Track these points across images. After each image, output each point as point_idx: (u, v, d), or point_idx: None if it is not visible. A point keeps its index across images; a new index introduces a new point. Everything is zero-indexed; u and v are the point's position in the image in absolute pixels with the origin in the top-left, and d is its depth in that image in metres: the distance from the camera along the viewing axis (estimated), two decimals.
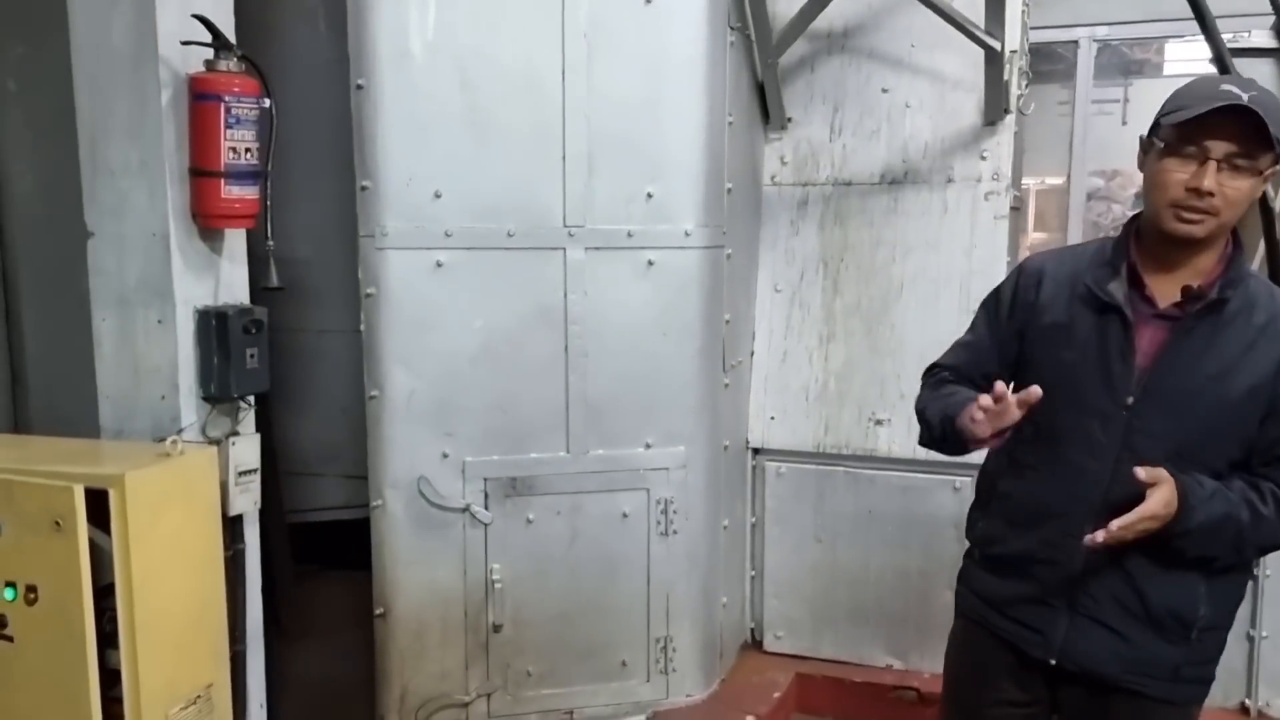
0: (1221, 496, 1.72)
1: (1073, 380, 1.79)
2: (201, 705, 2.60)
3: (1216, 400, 1.72)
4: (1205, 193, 1.65)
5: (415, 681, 3.06)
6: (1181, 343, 1.74)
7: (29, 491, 2.33)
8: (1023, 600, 1.89)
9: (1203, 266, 1.76)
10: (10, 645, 2.40)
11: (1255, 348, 1.72)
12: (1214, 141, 1.65)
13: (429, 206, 2.92)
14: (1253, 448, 1.77)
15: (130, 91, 2.68)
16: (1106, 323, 1.77)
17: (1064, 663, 1.86)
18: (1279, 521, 1.74)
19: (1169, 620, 1.79)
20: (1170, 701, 1.85)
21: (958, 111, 3.48)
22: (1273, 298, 1.77)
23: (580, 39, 2.96)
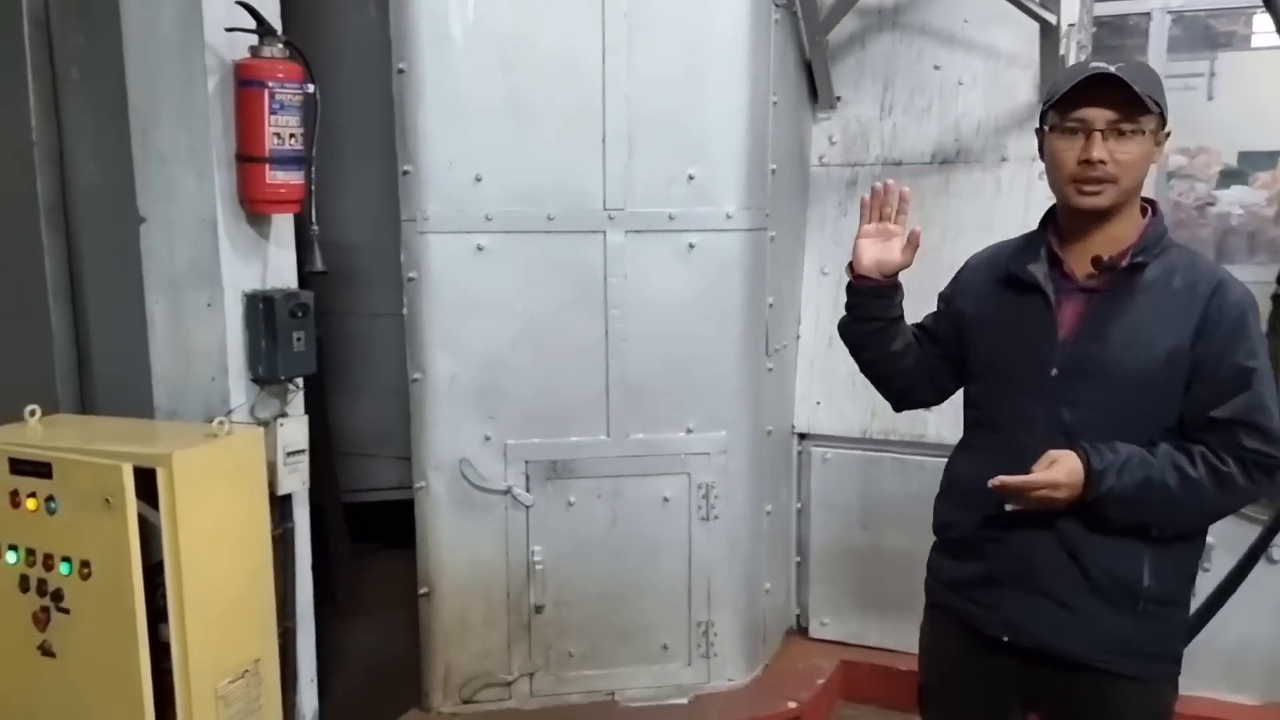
0: (1140, 461, 1.73)
1: (1004, 362, 1.86)
2: (249, 679, 2.68)
3: (1137, 365, 1.74)
4: (1097, 161, 1.72)
5: (459, 660, 3.11)
6: (1098, 311, 1.78)
7: (81, 470, 2.42)
8: (977, 581, 1.91)
9: (1117, 235, 1.80)
10: (67, 617, 2.50)
11: (1172, 313, 1.74)
12: (1092, 112, 1.73)
13: (470, 190, 2.93)
14: (1185, 417, 1.77)
15: (179, 79, 2.74)
16: (1029, 302, 1.83)
17: (1016, 639, 1.86)
18: (1214, 485, 1.73)
19: (1112, 588, 1.79)
20: (1131, 677, 1.82)
21: (1012, 88, 3.38)
22: (1194, 265, 1.79)
23: (621, 19, 2.94)
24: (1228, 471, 1.73)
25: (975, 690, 1.97)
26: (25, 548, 2.52)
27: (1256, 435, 1.73)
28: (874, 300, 2.00)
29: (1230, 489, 1.74)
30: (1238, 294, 1.76)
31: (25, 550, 2.52)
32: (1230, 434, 1.73)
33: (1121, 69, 1.72)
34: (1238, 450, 1.73)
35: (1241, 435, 1.73)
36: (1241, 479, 1.74)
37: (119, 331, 3.31)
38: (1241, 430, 1.73)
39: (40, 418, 2.72)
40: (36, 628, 2.53)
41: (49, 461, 2.46)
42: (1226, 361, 1.73)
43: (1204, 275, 1.78)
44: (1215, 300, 1.74)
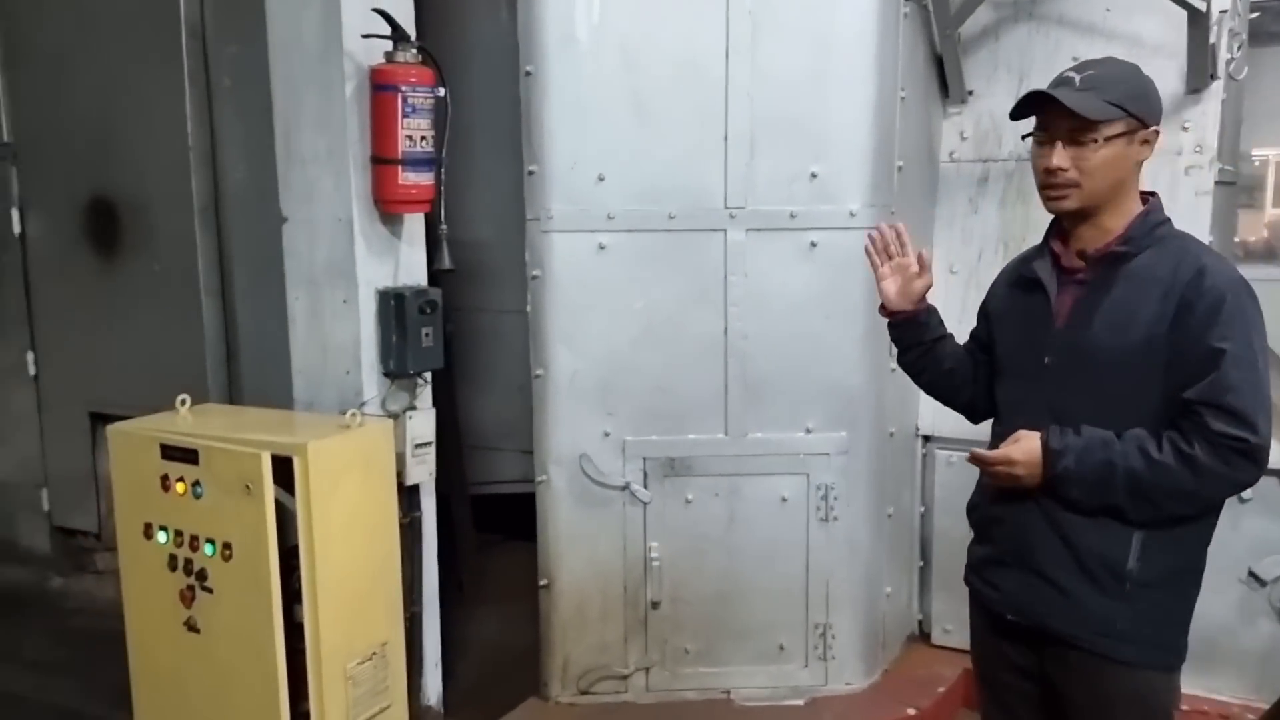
0: (1101, 444, 1.76)
1: (1011, 354, 1.97)
2: (377, 661, 2.79)
3: (1116, 349, 1.78)
4: (1056, 169, 1.79)
5: (577, 651, 3.16)
6: (1087, 300, 1.84)
7: (224, 457, 2.57)
8: (990, 561, 1.99)
9: (1108, 228, 1.84)
10: (210, 596, 2.66)
11: (1154, 298, 1.77)
12: (1051, 123, 1.80)
13: (592, 190, 2.97)
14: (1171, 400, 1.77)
15: (318, 85, 2.87)
16: (1033, 298, 1.92)
17: (1018, 618, 1.93)
18: (1182, 468, 1.72)
19: (1099, 569, 1.81)
20: (1122, 661, 1.83)
21: (1157, 79, 3.08)
22: (1184, 252, 1.80)
23: (745, 17, 2.93)
24: (1192, 454, 1.71)
25: (995, 666, 2.04)
26: (174, 529, 2.69)
27: (1224, 417, 1.71)
28: (911, 329, 2.12)
29: (1200, 472, 1.72)
30: (1218, 279, 1.75)
31: (174, 531, 2.69)
32: (1199, 416, 1.72)
33: (1088, 78, 1.79)
34: (1205, 433, 1.71)
35: (1208, 417, 1.71)
36: (1210, 461, 1.71)
37: (264, 326, 3.51)
38: (1208, 411, 1.71)
39: (190, 407, 2.89)
40: (183, 604, 2.70)
41: (196, 448, 2.61)
42: (1197, 343, 1.73)
43: (1189, 261, 1.78)
44: (1194, 283, 1.74)
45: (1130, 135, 1.79)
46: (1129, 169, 1.82)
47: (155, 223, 3.78)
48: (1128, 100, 1.79)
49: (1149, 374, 1.77)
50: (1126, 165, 1.81)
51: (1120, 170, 1.80)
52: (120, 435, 2.79)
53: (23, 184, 4.06)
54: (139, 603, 2.81)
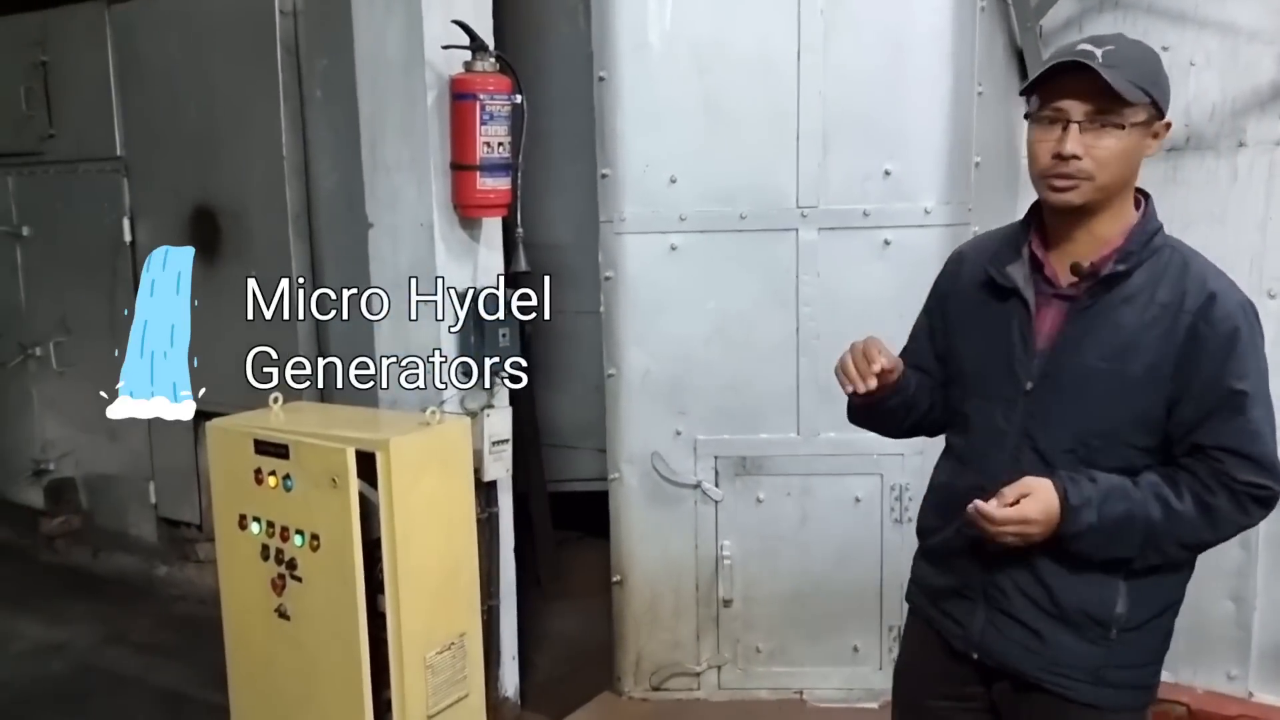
0: (1121, 494, 1.58)
1: (981, 368, 1.73)
2: (455, 651, 2.88)
3: (1114, 381, 1.60)
4: (1069, 156, 1.57)
5: (649, 648, 3.20)
6: (1078, 322, 1.63)
7: (312, 452, 2.69)
8: (949, 592, 1.80)
9: (1103, 235, 1.64)
10: (300, 585, 2.78)
11: (1156, 325, 1.59)
12: (1070, 103, 1.57)
13: (664, 192, 3.01)
14: (1168, 436, 1.62)
15: (402, 94, 2.98)
16: (1009, 307, 1.69)
17: (984, 658, 1.76)
18: (1200, 518, 1.58)
19: (1082, 618, 1.66)
20: (1095, 706, 1.68)
21: (1253, 67, 3.09)
22: (1185, 271, 1.61)
23: (817, 16, 2.94)
24: (1215, 503, 1.57)
25: (942, 698, 1.86)
26: (266, 520, 2.82)
27: (1249, 466, 1.57)
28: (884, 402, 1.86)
29: (1217, 522, 1.59)
30: (1230, 307, 1.59)
31: (266, 523, 2.82)
32: (1219, 464, 1.58)
33: (1109, 54, 1.55)
34: (1228, 481, 1.57)
35: (1232, 466, 1.57)
36: (1231, 511, 1.58)
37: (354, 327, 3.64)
38: (1232, 460, 1.57)
39: (283, 405, 3.03)
40: (274, 592, 2.83)
41: (286, 444, 2.74)
42: (1214, 383, 1.57)
43: (1194, 285, 1.60)
44: (1204, 312, 1.57)
45: (1148, 125, 1.60)
46: (1138, 164, 1.62)
47: (252, 230, 3.95)
48: (1151, 84, 1.58)
49: (1148, 408, 1.61)
50: (1138, 159, 1.61)
51: (1134, 164, 1.61)
52: (218, 431, 2.94)
53: (133, 194, 4.29)
54: (234, 590, 2.96)
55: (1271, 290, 3.04)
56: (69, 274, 4.53)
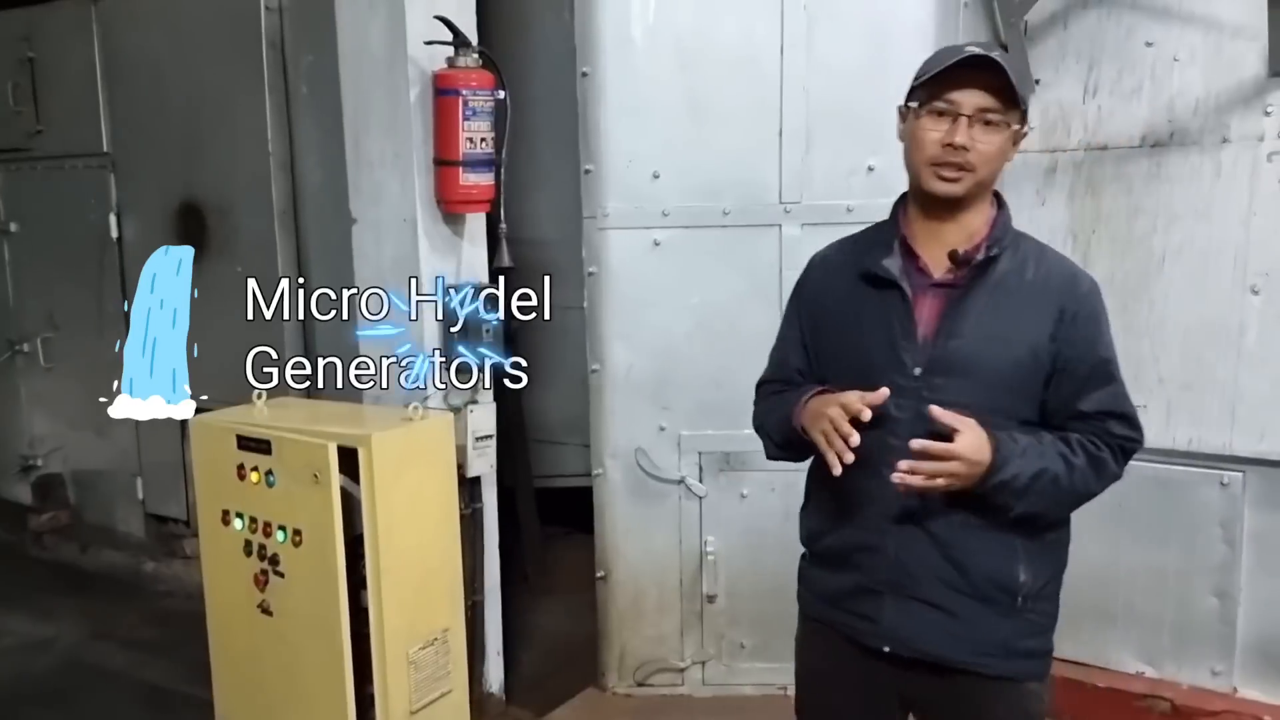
0: (1034, 450, 1.70)
1: (865, 362, 1.78)
2: (438, 647, 2.88)
3: (999, 361, 1.72)
4: (959, 147, 1.68)
5: (634, 643, 3.21)
6: (959, 307, 1.74)
7: (295, 447, 2.69)
8: (853, 591, 1.84)
9: (970, 227, 1.77)
10: (282, 581, 2.78)
11: (1030, 305, 1.73)
12: (964, 96, 1.68)
13: (648, 187, 3.02)
14: (1047, 408, 1.76)
15: (385, 90, 2.98)
16: (887, 299, 1.77)
17: (897, 649, 1.80)
18: (1092, 472, 1.73)
19: (991, 589, 1.75)
20: (1009, 678, 1.78)
21: (1236, 62, 3.08)
22: (1042, 255, 1.78)
23: (800, 11, 2.94)
24: (1103, 457, 1.73)
25: (855, 701, 1.91)
26: (249, 516, 2.82)
27: (1125, 423, 1.75)
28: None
29: (1103, 474, 1.75)
30: (1088, 286, 1.76)
31: (249, 518, 2.82)
32: (1100, 424, 1.74)
33: (1001, 57, 1.69)
34: (1109, 438, 1.74)
35: (1112, 425, 1.74)
36: (1112, 464, 1.75)
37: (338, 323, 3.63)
38: (1110, 420, 1.74)
39: (266, 400, 3.03)
40: (257, 588, 2.83)
41: (269, 439, 2.74)
42: (1088, 355, 1.73)
43: (1055, 268, 1.77)
44: (1070, 292, 1.73)
45: (1016, 131, 1.74)
46: (1004, 166, 1.77)
47: (238, 226, 3.95)
48: (1027, 93, 1.79)
49: (1029, 385, 1.73)
50: (1005, 159, 1.76)
51: (1001, 163, 1.75)
52: (201, 426, 2.94)
53: (120, 190, 4.28)
54: (217, 586, 2.96)
55: (1255, 286, 3.04)
56: (56, 270, 4.53)
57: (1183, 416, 3.12)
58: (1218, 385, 3.08)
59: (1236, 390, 3.05)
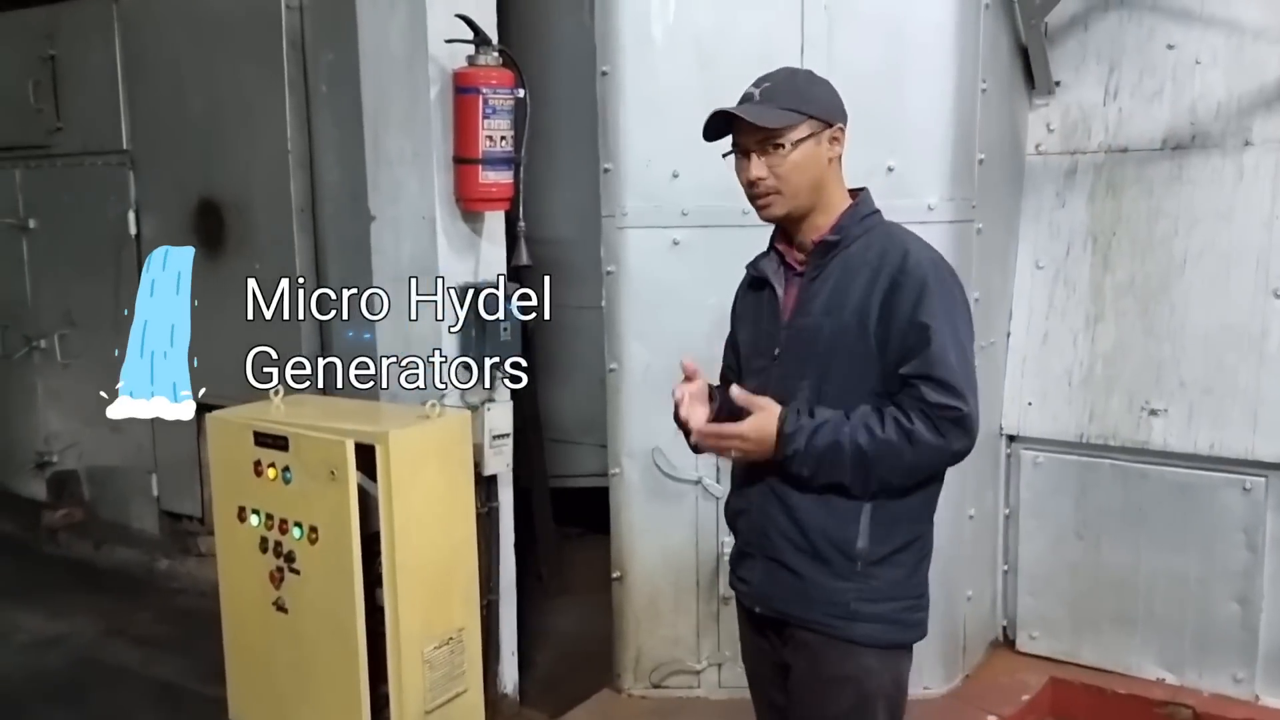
0: (833, 426, 1.80)
1: (748, 353, 2.02)
2: (453, 647, 2.87)
3: (832, 332, 1.86)
4: (756, 179, 1.88)
5: (649, 644, 3.19)
6: (808, 289, 1.91)
7: (312, 444, 2.69)
8: (739, 555, 2.03)
9: (820, 225, 1.91)
10: (298, 577, 2.78)
11: (861, 280, 1.85)
12: (744, 138, 1.89)
13: (667, 186, 3.00)
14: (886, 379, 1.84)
15: (405, 88, 2.98)
16: (765, 295, 1.98)
17: (765, 609, 1.96)
18: (904, 442, 1.78)
19: (830, 550, 1.85)
20: (851, 640, 1.86)
21: (1259, 65, 3.07)
22: (890, 238, 1.89)
23: (821, 11, 2.92)
24: (912, 428, 1.78)
25: (760, 663, 2.05)
26: (265, 512, 2.82)
27: (937, 388, 1.79)
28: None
29: (920, 445, 1.79)
30: (921, 258, 1.85)
31: (265, 515, 2.82)
32: (915, 389, 1.80)
33: (766, 90, 1.89)
34: (923, 405, 1.79)
35: (923, 389, 1.79)
36: (929, 434, 1.78)
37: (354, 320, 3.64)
38: (923, 384, 1.79)
39: (284, 397, 3.03)
40: (273, 585, 2.83)
41: (286, 436, 2.74)
42: (908, 322, 1.81)
43: (893, 246, 1.87)
44: (900, 265, 1.83)
45: (817, 136, 1.87)
46: (824, 167, 1.89)
47: (256, 223, 3.96)
48: (803, 104, 1.88)
49: (865, 354, 1.84)
50: (820, 164, 1.88)
51: (815, 170, 1.88)
52: (218, 422, 2.94)
53: (139, 188, 4.30)
54: (233, 583, 2.96)
55: (1278, 290, 3.02)
56: (74, 267, 4.55)
57: (1204, 421, 3.10)
58: (1240, 390, 3.06)
59: (1259, 394, 3.03)
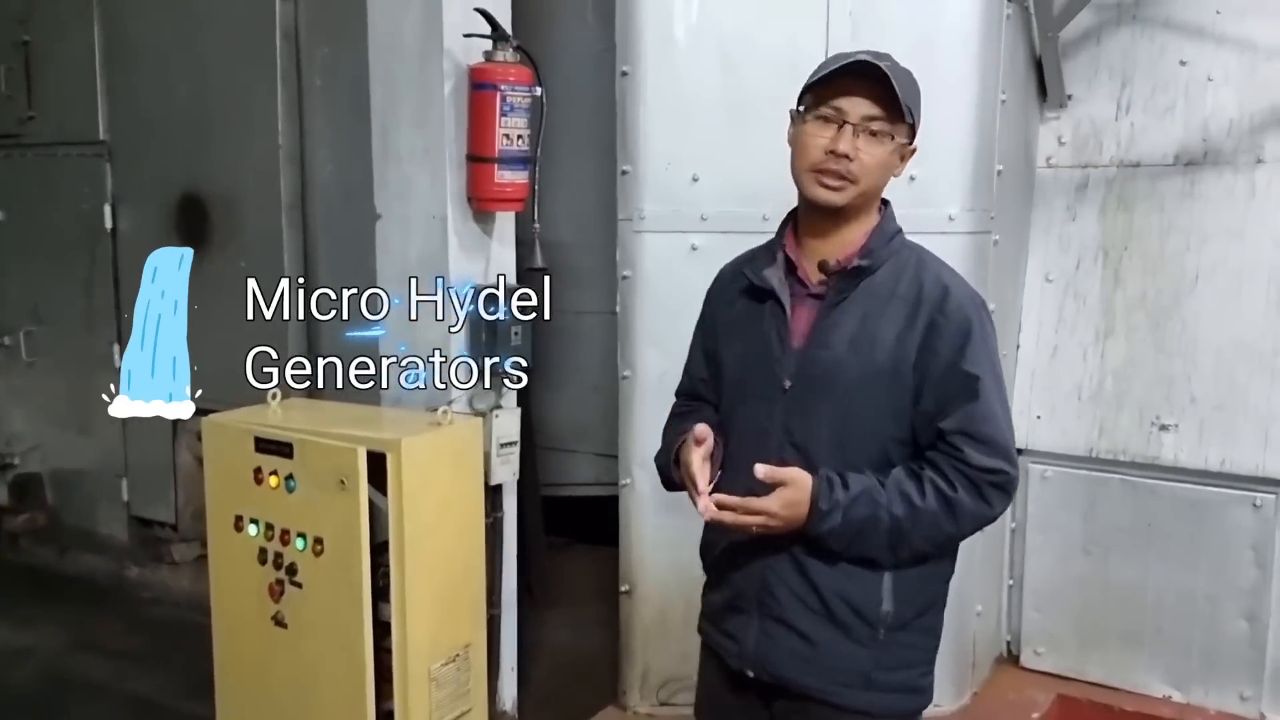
0: (868, 498, 1.62)
1: (744, 372, 1.77)
2: (460, 664, 2.76)
3: (861, 372, 1.66)
4: (842, 155, 1.65)
5: (658, 660, 3.11)
6: (828, 318, 1.69)
7: (320, 451, 2.56)
8: (726, 608, 1.80)
9: (850, 239, 1.72)
10: (300, 591, 2.65)
11: (897, 317, 1.67)
12: (850, 104, 1.66)
13: (686, 190, 2.94)
14: (915, 426, 1.67)
15: (417, 83, 2.87)
16: (766, 310, 1.75)
17: (759, 674, 1.75)
18: (944, 513, 1.62)
19: (849, 616, 1.67)
20: (868, 713, 1.70)
21: (1271, 83, 3.09)
22: (921, 268, 1.71)
23: (845, 17, 2.88)
24: (955, 496, 1.62)
25: None
26: (265, 522, 2.69)
27: (983, 448, 1.63)
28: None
29: (960, 515, 1.63)
30: (963, 299, 1.68)
31: (265, 525, 2.69)
32: (957, 450, 1.63)
33: (890, 67, 1.66)
34: (966, 470, 1.63)
35: (967, 449, 1.62)
36: (972, 502, 1.63)
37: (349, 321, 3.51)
38: (966, 443, 1.62)
39: (281, 401, 2.89)
40: (271, 599, 2.69)
41: (291, 442, 2.62)
42: (951, 369, 1.64)
43: (930, 279, 1.69)
44: (940, 304, 1.66)
45: (903, 145, 1.72)
46: (888, 179, 1.74)
47: (243, 220, 3.82)
48: (915, 106, 1.71)
49: (894, 398, 1.66)
50: (889, 176, 1.73)
51: (887, 177, 1.72)
52: (214, 427, 2.80)
53: (116, 180, 4.13)
54: (227, 596, 2.82)
55: None
56: (44, 261, 4.36)
57: (1215, 437, 3.10)
58: (1251, 406, 3.07)
59: (1270, 411, 3.04)
